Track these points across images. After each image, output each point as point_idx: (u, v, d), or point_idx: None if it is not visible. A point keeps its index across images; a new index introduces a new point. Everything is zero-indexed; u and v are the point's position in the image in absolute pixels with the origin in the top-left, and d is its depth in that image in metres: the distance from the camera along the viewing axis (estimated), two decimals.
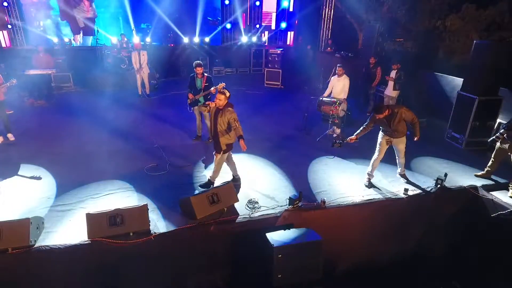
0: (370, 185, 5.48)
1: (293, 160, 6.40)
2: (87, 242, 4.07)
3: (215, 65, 13.93)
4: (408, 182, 5.62)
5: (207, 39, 14.45)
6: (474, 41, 6.87)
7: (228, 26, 14.77)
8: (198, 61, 6.70)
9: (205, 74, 6.72)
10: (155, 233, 4.28)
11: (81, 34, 14.61)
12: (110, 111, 9.05)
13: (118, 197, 5.08)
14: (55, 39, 13.42)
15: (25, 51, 12.67)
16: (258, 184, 5.50)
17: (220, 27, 15.07)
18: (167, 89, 11.72)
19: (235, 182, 5.43)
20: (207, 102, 5.02)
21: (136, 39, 13.12)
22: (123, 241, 4.10)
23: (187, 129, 7.89)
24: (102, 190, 5.22)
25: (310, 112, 7.75)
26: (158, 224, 4.49)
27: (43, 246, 4.01)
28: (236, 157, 6.40)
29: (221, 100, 4.88)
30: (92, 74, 11.85)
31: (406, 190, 5.26)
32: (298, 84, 12.55)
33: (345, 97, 7.13)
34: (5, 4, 13.17)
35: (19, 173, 5.71)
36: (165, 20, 14.19)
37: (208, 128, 5.22)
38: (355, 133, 5.36)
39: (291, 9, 15.36)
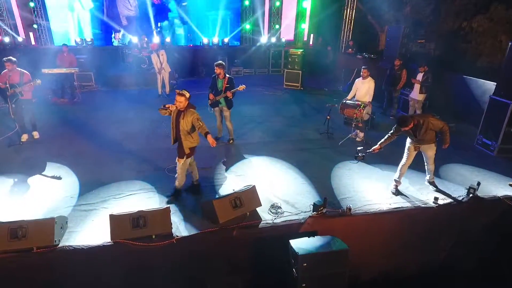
0: (397, 192, 5.27)
1: (316, 164, 6.24)
2: (110, 243, 4.05)
3: (234, 66, 13.89)
4: (438, 190, 5.37)
5: (226, 40, 14.43)
6: (510, 43, 6.51)
7: (248, 26, 14.70)
8: (219, 62, 6.61)
9: (227, 75, 6.61)
10: (177, 236, 4.22)
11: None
12: (130, 111, 9.11)
13: (140, 198, 5.06)
14: (78, 39, 13.66)
15: (49, 50, 12.98)
16: (280, 188, 5.37)
17: (239, 28, 15.01)
18: (186, 89, 11.68)
19: (196, 188, 5.26)
20: (166, 105, 4.65)
21: (156, 39, 13.26)
22: (146, 243, 4.06)
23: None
24: (124, 190, 5.21)
25: (332, 114, 7.57)
26: (179, 227, 4.43)
27: (67, 246, 4.01)
28: (257, 160, 6.36)
29: (181, 102, 4.61)
30: (113, 73, 12.02)
31: (436, 198, 5.02)
32: (318, 85, 12.37)
33: (370, 100, 6.91)
34: (32, 4, 13.52)
35: (44, 171, 5.77)
36: (185, 20, 14.28)
37: (172, 132, 4.85)
38: (379, 143, 5.14)
39: (311, 10, 15.15)
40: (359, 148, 5.12)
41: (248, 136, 7.52)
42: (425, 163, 5.34)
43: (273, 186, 5.43)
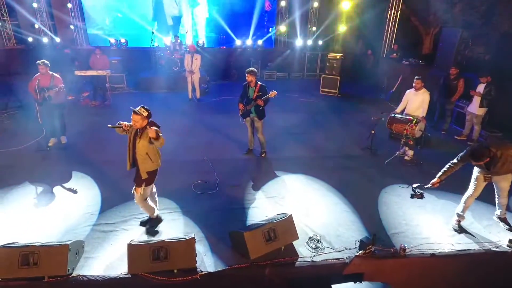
0: (461, 229, 4.43)
1: (359, 187, 5.51)
2: (127, 276, 3.60)
3: (267, 69, 13.33)
4: (511, 228, 4.48)
5: (260, 42, 13.90)
6: None
7: (283, 28, 14.08)
8: (250, 68, 6.04)
9: (259, 82, 6.03)
10: (201, 271, 3.69)
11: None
12: (160, 116, 8.67)
13: (164, 218, 4.58)
14: (112, 40, 13.67)
15: (84, 51, 13.09)
16: (319, 217, 4.71)
17: (274, 30, 14.43)
18: (217, 93, 11.34)
19: (150, 224, 4.42)
20: (120, 122, 4.10)
21: (188, 40, 12.98)
22: (166, 278, 3.57)
23: (238, 140, 7.32)
24: None
25: (372, 126, 6.78)
26: (205, 259, 3.90)
27: (80, 275, 3.60)
28: (292, 178, 5.75)
29: (136, 121, 3.99)
30: (144, 75, 11.85)
31: (511, 241, 4.14)
32: (357, 92, 11.51)
33: (424, 115, 6.05)
34: (69, 5, 13.71)
35: (67, 181, 5.50)
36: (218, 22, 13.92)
37: (128, 154, 4.14)
38: (438, 175, 4.30)
39: (350, 12, 14.25)
40: (415, 185, 4.33)
41: (281, 149, 6.90)
42: (496, 196, 4.46)
43: (311, 214, 4.77)
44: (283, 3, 13.86)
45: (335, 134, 7.82)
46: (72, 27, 14.03)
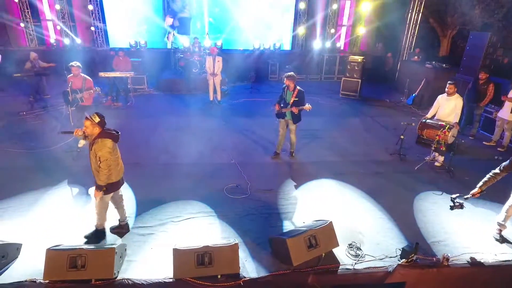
0: (502, 238, 4.36)
1: (392, 193, 5.45)
2: (171, 280, 3.62)
3: (285, 71, 13.28)
4: None
5: (278, 44, 13.88)
6: None
7: (302, 30, 14.05)
8: (289, 73, 6.06)
9: (298, 87, 6.03)
10: (244, 277, 3.69)
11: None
12: (183, 118, 8.85)
13: (200, 222, 4.62)
14: (132, 41, 13.78)
15: (105, 52, 13.23)
16: (355, 223, 4.67)
17: (293, 32, 14.41)
18: (237, 95, 11.36)
19: (121, 230, 4.35)
20: (76, 129, 3.99)
21: (207, 42, 13.02)
22: (210, 283, 3.58)
23: (263, 143, 7.34)
24: (182, 213, 4.80)
25: (397, 129, 6.72)
26: (246, 264, 3.90)
27: (126, 279, 3.63)
28: (322, 183, 5.72)
29: (87, 127, 3.80)
30: (165, 77, 11.93)
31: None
32: (377, 95, 11.41)
33: (457, 121, 5.97)
34: (90, 7, 13.87)
35: None
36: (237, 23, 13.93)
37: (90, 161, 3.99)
38: (479, 185, 4.20)
39: (369, 14, 14.15)
40: (454, 195, 4.26)
41: (307, 153, 6.88)
42: None
43: (347, 220, 4.74)
44: (302, 5, 13.81)
45: (360, 138, 7.77)
46: (92, 28, 14.20)
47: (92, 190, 3.97)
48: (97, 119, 3.80)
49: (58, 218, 4.59)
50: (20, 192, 5.13)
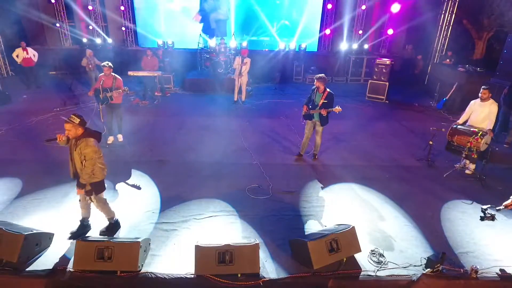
0: None
1: (418, 201, 5.29)
2: (193, 276, 3.69)
3: (310, 73, 13.21)
4: None
5: (304, 45, 13.80)
6: None
7: (328, 32, 13.89)
8: (320, 75, 6.00)
9: (327, 89, 5.98)
10: (264, 277, 3.70)
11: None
12: (207, 117, 8.99)
13: (222, 221, 4.68)
14: (160, 41, 14.15)
15: (135, 51, 13.66)
16: (379, 229, 4.57)
17: (319, 33, 14.28)
18: (261, 96, 11.39)
19: (111, 227, 4.39)
20: (58, 135, 3.88)
21: (233, 43, 13.14)
22: (230, 281, 3.62)
23: (286, 144, 7.33)
24: (204, 211, 4.88)
25: (426, 134, 6.49)
26: (266, 265, 3.91)
27: (149, 272, 3.74)
28: (345, 187, 5.64)
29: (69, 130, 3.76)
30: (190, 76, 12.14)
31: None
32: (405, 99, 11.08)
33: (490, 128, 5.69)
34: (122, 8, 14.36)
35: (127, 178, 5.74)
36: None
37: (70, 164, 4.01)
38: None
39: (399, 14, 13.77)
40: (485, 206, 4.07)
41: (331, 156, 6.80)
42: None
43: (370, 225, 4.64)
44: (329, 6, 13.66)
45: (386, 143, 7.58)
46: (123, 28, 14.71)
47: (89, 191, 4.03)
48: (76, 120, 3.77)
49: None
50: (54, 185, 5.39)
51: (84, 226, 4.36)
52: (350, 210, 5.01)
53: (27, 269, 3.72)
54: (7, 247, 3.67)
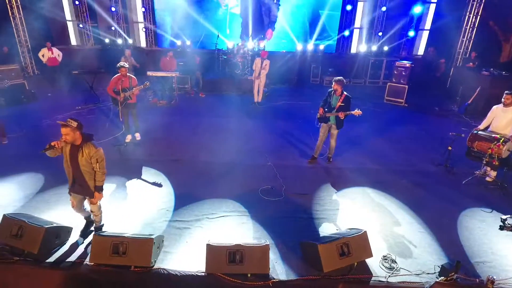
0: None
1: (435, 207, 5.17)
2: (203, 274, 3.76)
3: (328, 75, 13.11)
4: None
5: (321, 47, 13.72)
6: None
7: (346, 33, 13.75)
8: (339, 77, 5.90)
9: (345, 93, 5.92)
10: (273, 279, 3.73)
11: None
12: (223, 118, 9.08)
13: (234, 221, 4.73)
14: (178, 42, 14.39)
15: (157, 52, 13.94)
16: (392, 235, 4.50)
17: (337, 35, 14.15)
18: (277, 97, 11.40)
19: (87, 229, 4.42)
20: (52, 143, 3.63)
21: (250, 44, 13.21)
22: (240, 281, 3.66)
23: (300, 146, 7.32)
24: (217, 210, 4.95)
25: (445, 139, 6.32)
26: (276, 266, 3.93)
27: (161, 268, 3.84)
28: (358, 191, 5.58)
29: (67, 134, 3.63)
30: (208, 77, 12.28)
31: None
32: (426, 103, 10.81)
33: None
34: (143, 9, 14.71)
35: (143, 176, 5.89)
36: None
37: (68, 172, 3.96)
38: None
39: (421, 16, 13.47)
40: (504, 217, 3.94)
41: (346, 159, 6.73)
42: None
43: (383, 231, 4.58)
44: (348, 7, 13.52)
45: (403, 147, 7.44)
46: (143, 29, 15.06)
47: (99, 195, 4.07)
48: (74, 124, 3.68)
49: (103, 206, 4.93)
50: None
51: (90, 223, 4.47)
52: (363, 214, 4.96)
53: (47, 260, 3.89)
54: (29, 239, 3.85)
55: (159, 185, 5.59)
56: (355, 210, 5.05)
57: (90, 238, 4.28)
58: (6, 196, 5.14)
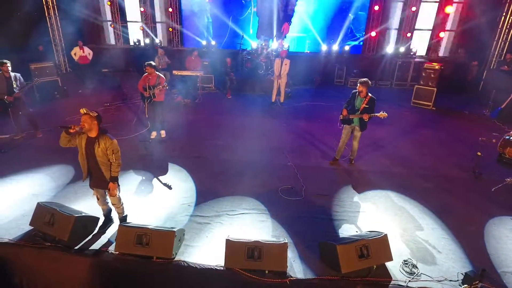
0: None
1: (461, 213, 5.00)
2: (222, 268, 3.84)
3: (352, 76, 12.92)
4: None
5: (347, 48, 13.54)
6: None
7: (373, 34, 13.50)
8: (364, 79, 5.79)
9: (370, 94, 5.84)
10: (291, 277, 3.75)
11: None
12: (245, 117, 9.17)
13: (253, 219, 4.78)
14: (204, 42, 14.66)
15: (183, 52, 14.25)
16: (414, 240, 4.40)
17: (363, 36, 13.92)
18: (299, 98, 11.37)
19: (107, 224, 4.53)
20: (71, 125, 3.79)
21: (275, 44, 13.24)
22: (258, 277, 3.71)
23: (321, 147, 7.27)
24: (237, 207, 5.02)
25: (475, 145, 6.08)
26: (294, 264, 3.95)
27: (182, 261, 3.95)
28: (381, 194, 5.48)
29: (85, 122, 3.76)
30: (223, 75, 12.38)
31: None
32: (455, 107, 10.42)
33: None
34: (170, 10, 15.07)
35: (166, 172, 6.06)
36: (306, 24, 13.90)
37: (83, 164, 4.06)
38: None
39: (452, 16, 13.00)
40: None
41: (369, 162, 6.63)
42: None
43: (405, 235, 4.48)
44: (376, 7, 13.26)
45: (430, 151, 7.22)
46: (170, 29, 15.43)
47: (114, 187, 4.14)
48: (94, 114, 3.85)
49: (129, 199, 5.14)
50: None
51: (109, 219, 4.60)
52: (385, 217, 4.87)
53: (75, 247, 4.10)
54: (60, 226, 4.08)
55: (181, 181, 5.74)
56: (376, 213, 4.97)
57: (111, 229, 4.48)
58: (40, 186, 5.46)
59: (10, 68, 6.76)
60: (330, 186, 5.68)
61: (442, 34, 12.46)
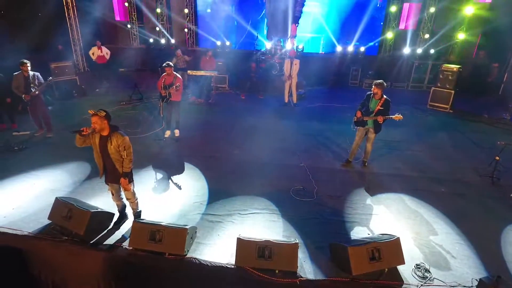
0: None
1: (476, 219, 4.90)
2: (233, 266, 3.88)
3: (367, 77, 12.78)
4: None
5: (362, 49, 13.41)
6: None
7: (390, 35, 13.32)
8: (379, 81, 5.74)
9: (384, 96, 5.78)
10: (301, 277, 3.75)
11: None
12: (257, 117, 9.20)
13: (264, 218, 4.81)
14: (218, 42, 14.77)
15: (198, 52, 14.41)
16: (428, 244, 4.33)
17: (379, 37, 13.76)
18: (313, 99, 11.32)
19: (121, 220, 4.64)
20: (83, 128, 3.95)
21: (288, 45, 13.23)
22: (268, 276, 3.73)
23: (334, 149, 7.23)
24: (249, 207, 5.06)
25: (493, 149, 5.93)
26: (304, 265, 3.95)
27: (194, 258, 4.01)
28: (394, 197, 5.42)
29: (96, 123, 3.91)
30: (245, 77, 12.48)
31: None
32: (473, 109, 10.16)
33: None
34: (186, 11, 15.27)
35: (179, 170, 6.15)
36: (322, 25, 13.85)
37: (98, 162, 4.23)
38: None
39: (473, 19, 12.67)
40: None
41: (382, 165, 6.54)
42: None
43: (418, 239, 4.42)
44: (393, 8, 13.09)
45: (445, 154, 7.08)
46: (186, 30, 15.62)
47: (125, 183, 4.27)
48: (103, 114, 3.98)
49: (143, 196, 5.23)
50: None
51: (124, 215, 4.71)
52: (398, 221, 4.82)
53: (91, 242, 4.22)
54: (76, 221, 4.21)
55: (194, 180, 5.82)
56: (389, 216, 4.92)
57: (125, 225, 4.58)
58: (58, 182, 5.64)
59: (29, 68, 6.99)
60: (342, 188, 5.65)
61: (460, 36, 12.16)
